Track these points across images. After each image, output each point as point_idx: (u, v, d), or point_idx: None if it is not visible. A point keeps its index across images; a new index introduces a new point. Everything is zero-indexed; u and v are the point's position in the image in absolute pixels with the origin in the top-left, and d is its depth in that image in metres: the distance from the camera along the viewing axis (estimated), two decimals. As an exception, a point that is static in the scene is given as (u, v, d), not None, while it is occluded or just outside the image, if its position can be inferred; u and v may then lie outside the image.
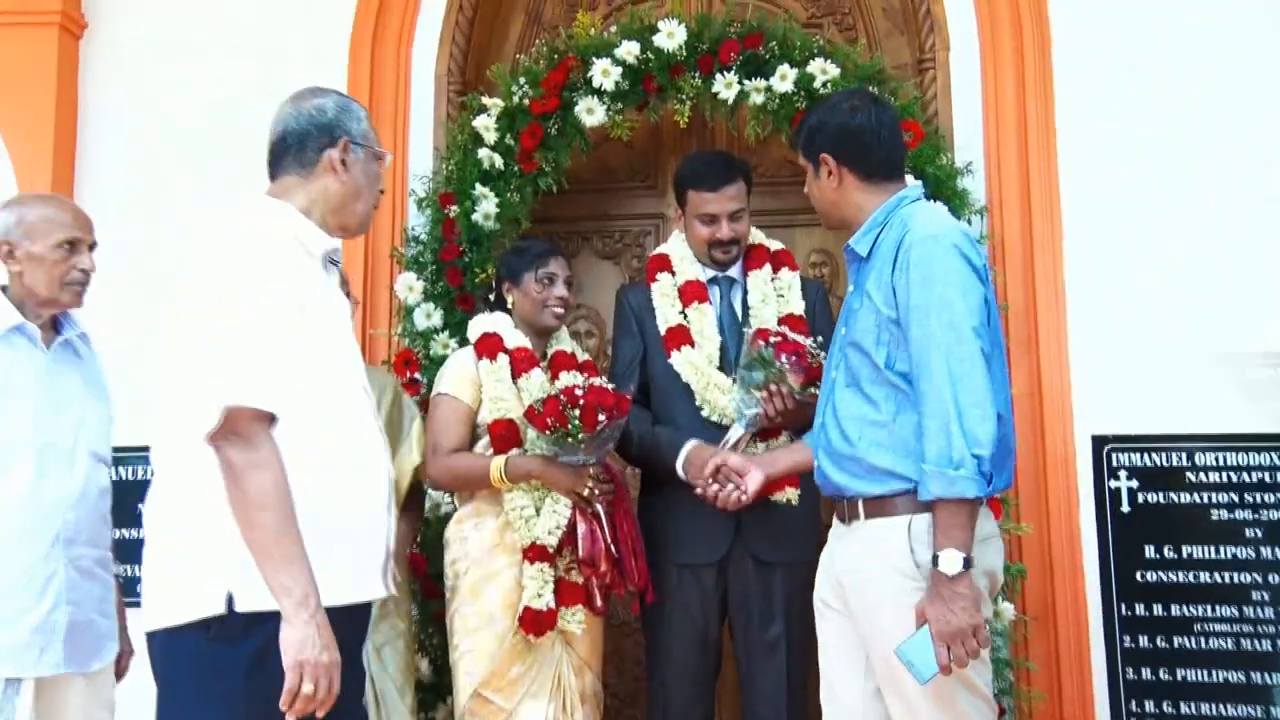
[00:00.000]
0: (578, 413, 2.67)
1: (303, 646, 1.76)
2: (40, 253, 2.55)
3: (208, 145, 3.74)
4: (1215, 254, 3.40)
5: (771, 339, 2.71)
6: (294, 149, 2.06)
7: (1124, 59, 3.49)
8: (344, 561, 1.89)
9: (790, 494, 2.79)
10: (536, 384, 2.87)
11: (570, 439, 2.71)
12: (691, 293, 2.98)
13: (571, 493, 2.80)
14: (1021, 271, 3.45)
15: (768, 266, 3.01)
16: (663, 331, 2.95)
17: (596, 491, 2.79)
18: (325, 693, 1.78)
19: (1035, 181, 3.45)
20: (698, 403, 2.88)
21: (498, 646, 2.75)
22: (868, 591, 2.19)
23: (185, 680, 1.83)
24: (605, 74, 3.35)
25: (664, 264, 3.05)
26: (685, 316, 2.97)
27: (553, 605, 2.76)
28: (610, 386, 2.78)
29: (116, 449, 2.72)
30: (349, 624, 1.91)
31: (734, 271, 3.04)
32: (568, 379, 2.84)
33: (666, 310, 2.99)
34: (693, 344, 2.92)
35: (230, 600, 1.82)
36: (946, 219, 2.26)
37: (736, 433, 2.73)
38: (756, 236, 3.10)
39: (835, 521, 2.35)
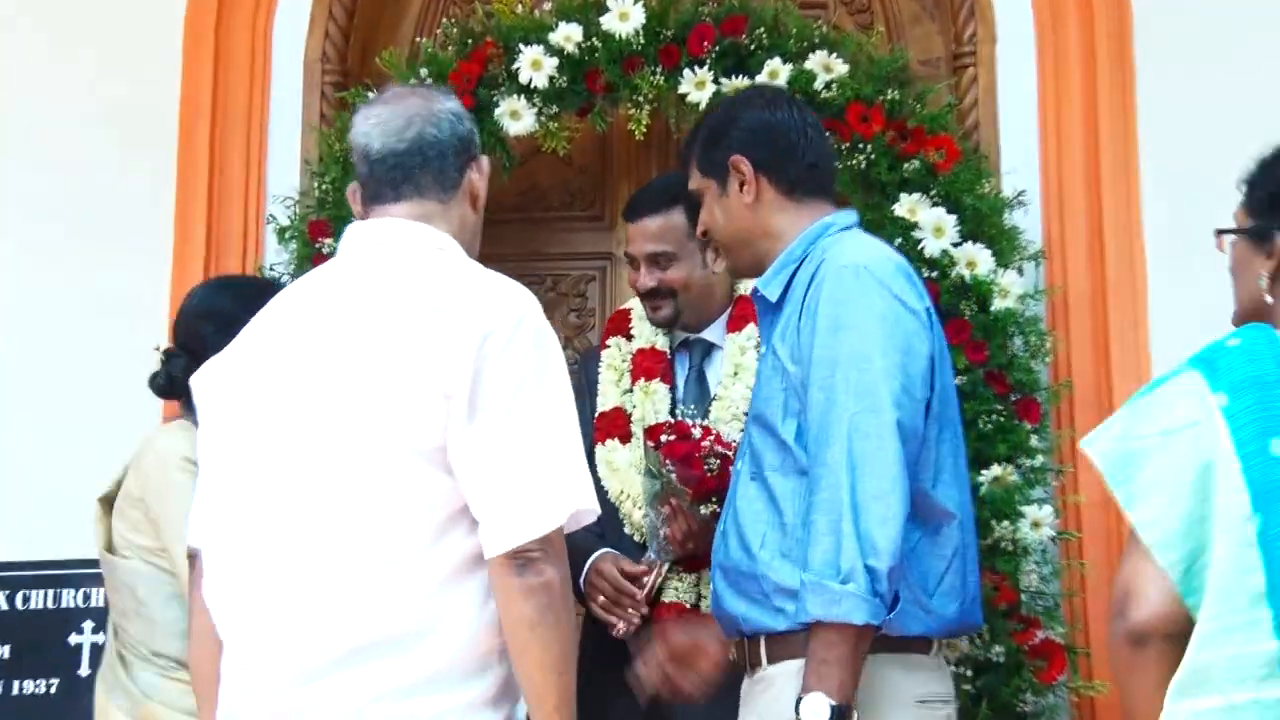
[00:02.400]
0: None
1: None
2: None
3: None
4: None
5: (664, 436, 2.52)
6: (435, 165, 1.96)
7: (1225, 53, 3.19)
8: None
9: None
10: None
11: None
12: (642, 365, 2.76)
13: None
14: (1091, 337, 3.16)
15: (752, 327, 2.69)
16: (596, 416, 2.77)
17: None
18: None
19: (1110, 217, 3.19)
20: (621, 515, 2.67)
21: None
22: None
23: None
24: (536, 66, 3.08)
25: (621, 324, 2.86)
26: (632, 397, 2.77)
27: None
28: None
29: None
30: None
31: (714, 333, 2.75)
32: None
33: (608, 388, 2.78)
34: (626, 437, 2.71)
35: None
36: (879, 248, 2.12)
37: (648, 561, 2.57)
38: (748, 286, 2.73)
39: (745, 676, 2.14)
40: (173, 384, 2.46)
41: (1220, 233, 1.82)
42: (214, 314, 2.44)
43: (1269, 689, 1.47)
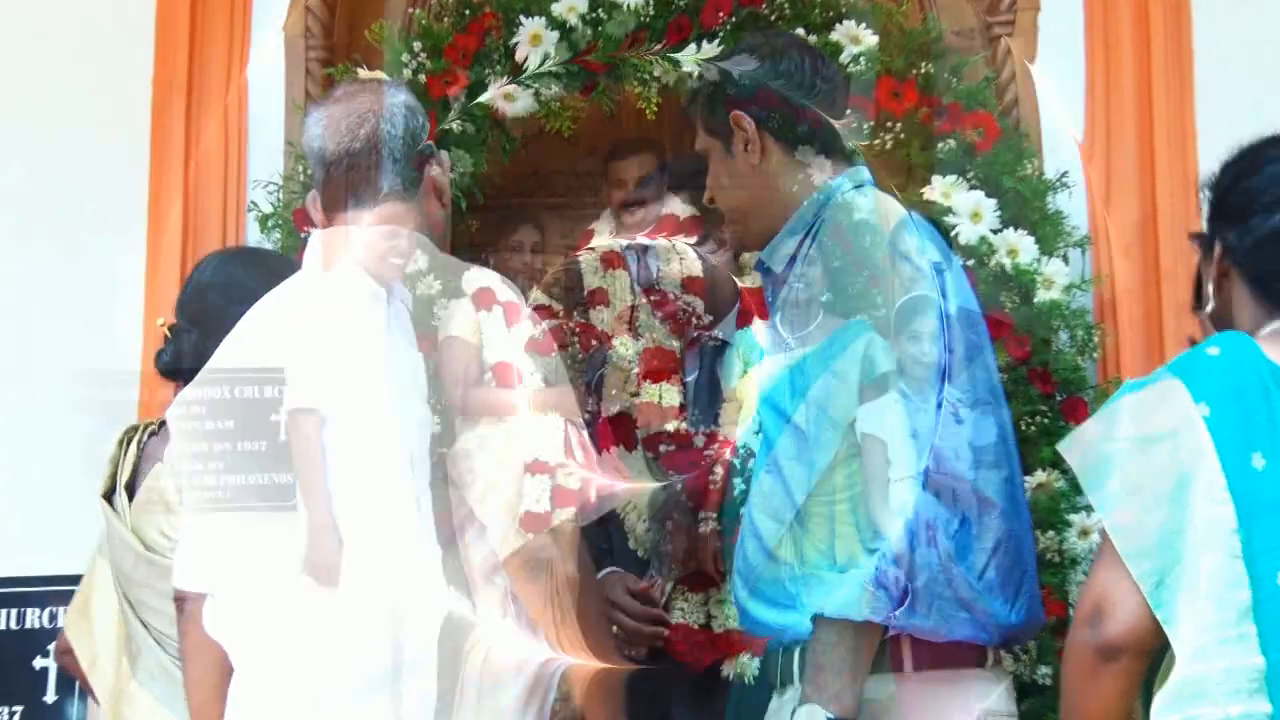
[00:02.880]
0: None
1: None
2: None
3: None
4: None
5: (663, 447, 2.65)
6: (397, 163, 2.01)
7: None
8: None
9: (745, 664, 2.55)
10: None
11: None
12: (651, 365, 2.81)
13: None
14: (1142, 331, 3.09)
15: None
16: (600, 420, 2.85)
17: None
18: None
19: (1164, 200, 3.11)
20: (626, 529, 2.71)
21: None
22: None
23: None
24: (536, 41, 3.05)
25: (629, 321, 2.98)
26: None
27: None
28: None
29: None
30: None
31: (725, 330, 2.91)
32: None
33: (614, 390, 2.83)
34: (631, 444, 2.78)
35: None
36: (883, 203, 2.06)
37: (650, 580, 2.61)
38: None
39: None
40: (180, 363, 2.40)
41: (1191, 237, 1.88)
42: (228, 286, 2.40)
43: (1259, 703, 1.51)
